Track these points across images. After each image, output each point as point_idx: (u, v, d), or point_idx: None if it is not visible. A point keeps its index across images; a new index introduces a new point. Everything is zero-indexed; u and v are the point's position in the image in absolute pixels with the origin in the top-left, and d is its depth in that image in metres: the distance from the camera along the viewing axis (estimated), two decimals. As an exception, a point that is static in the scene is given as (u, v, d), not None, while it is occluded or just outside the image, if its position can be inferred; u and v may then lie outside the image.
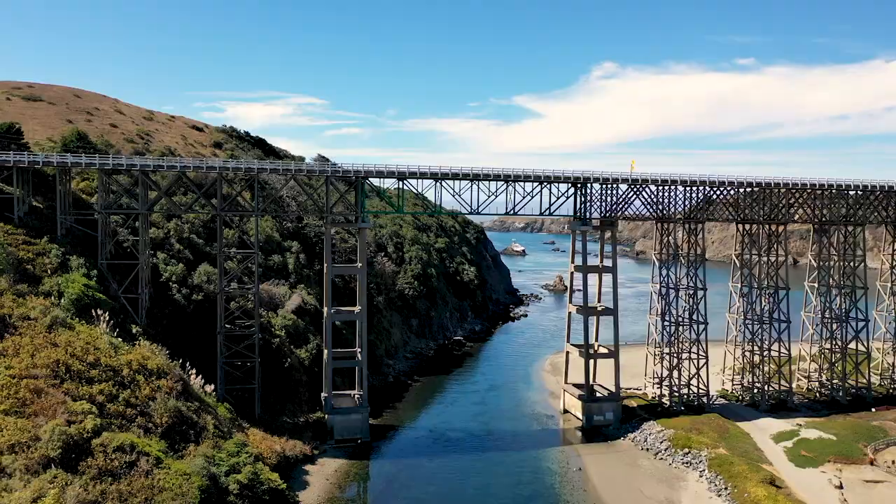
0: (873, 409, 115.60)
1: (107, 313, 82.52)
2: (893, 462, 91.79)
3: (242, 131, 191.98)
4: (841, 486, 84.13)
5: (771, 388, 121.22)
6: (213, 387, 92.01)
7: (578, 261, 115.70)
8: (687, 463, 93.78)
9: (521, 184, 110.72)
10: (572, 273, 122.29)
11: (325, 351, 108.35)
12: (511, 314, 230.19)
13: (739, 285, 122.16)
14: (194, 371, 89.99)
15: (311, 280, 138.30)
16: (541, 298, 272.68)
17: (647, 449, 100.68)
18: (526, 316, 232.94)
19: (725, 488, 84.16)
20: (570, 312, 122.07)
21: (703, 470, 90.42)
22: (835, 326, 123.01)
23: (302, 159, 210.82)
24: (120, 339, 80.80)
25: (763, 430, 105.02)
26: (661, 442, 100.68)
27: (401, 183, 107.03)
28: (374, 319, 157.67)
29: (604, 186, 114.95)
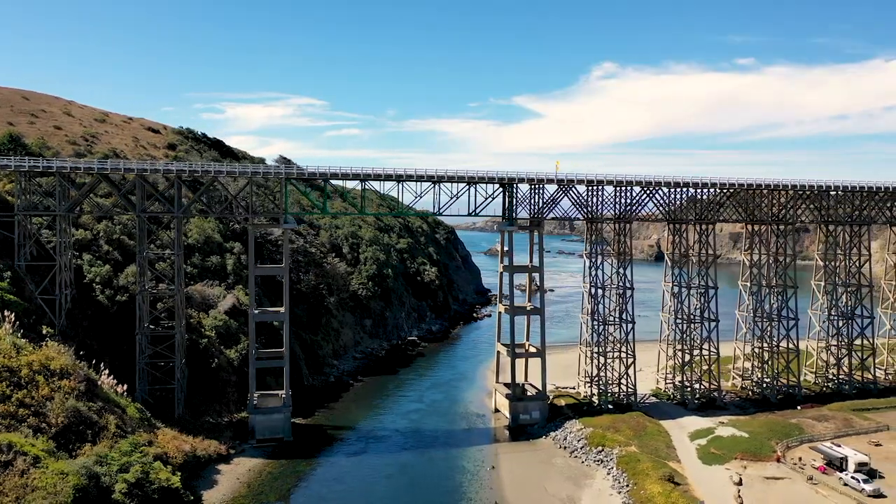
0: (799, 408, 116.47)
1: (13, 315, 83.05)
2: (800, 459, 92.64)
3: (199, 133, 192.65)
4: (740, 483, 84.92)
5: (703, 387, 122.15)
6: (125, 387, 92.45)
7: (516, 260, 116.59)
8: (598, 461, 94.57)
9: (449, 184, 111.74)
10: (501, 273, 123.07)
11: (251, 351, 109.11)
12: (475, 314, 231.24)
13: (671, 284, 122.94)
14: (107, 371, 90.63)
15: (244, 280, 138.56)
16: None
17: (565, 447, 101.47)
18: (490, 316, 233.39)
19: (626, 486, 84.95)
20: (499, 312, 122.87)
21: (612, 468, 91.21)
22: (766, 325, 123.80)
23: (262, 161, 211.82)
24: (25, 341, 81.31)
25: (683, 428, 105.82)
26: (579, 440, 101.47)
27: (337, 183, 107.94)
28: (322, 320, 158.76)
29: (532, 187, 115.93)
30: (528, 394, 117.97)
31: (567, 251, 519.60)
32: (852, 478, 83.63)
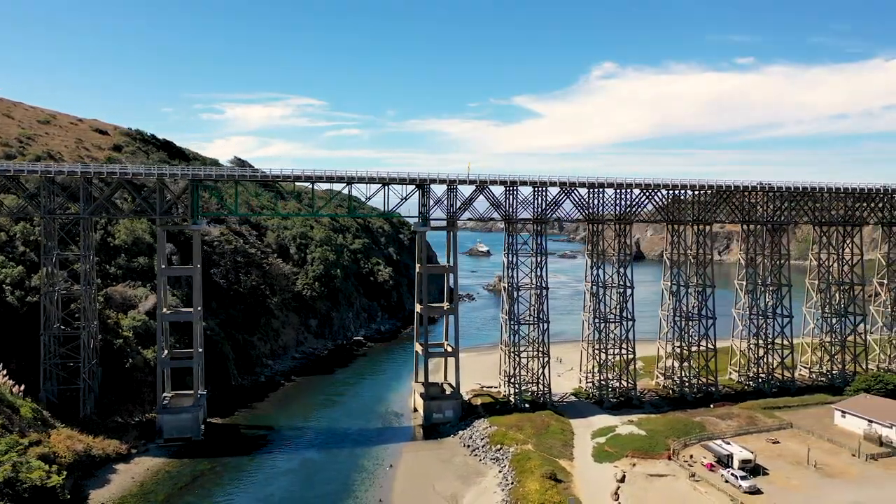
0: (712, 406, 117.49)
1: None
2: (691, 457, 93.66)
3: (149, 134, 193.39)
4: (623, 480, 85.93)
5: (621, 386, 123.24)
6: (22, 387, 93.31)
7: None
8: (495, 459, 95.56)
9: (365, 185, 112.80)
10: (419, 273, 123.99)
11: (165, 351, 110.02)
12: (432, 315, 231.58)
13: (590, 284, 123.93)
14: (4, 371, 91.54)
15: (182, 282, 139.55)
16: (474, 298, 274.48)
17: (469, 446, 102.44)
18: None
19: (511, 483, 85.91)
20: (417, 312, 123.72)
21: (505, 466, 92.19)
22: (685, 324, 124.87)
23: (216, 162, 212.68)
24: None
25: (589, 427, 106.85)
26: (482, 439, 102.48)
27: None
28: (261, 320, 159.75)
29: (449, 188, 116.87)
30: (446, 393, 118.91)
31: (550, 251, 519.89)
32: (732, 475, 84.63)
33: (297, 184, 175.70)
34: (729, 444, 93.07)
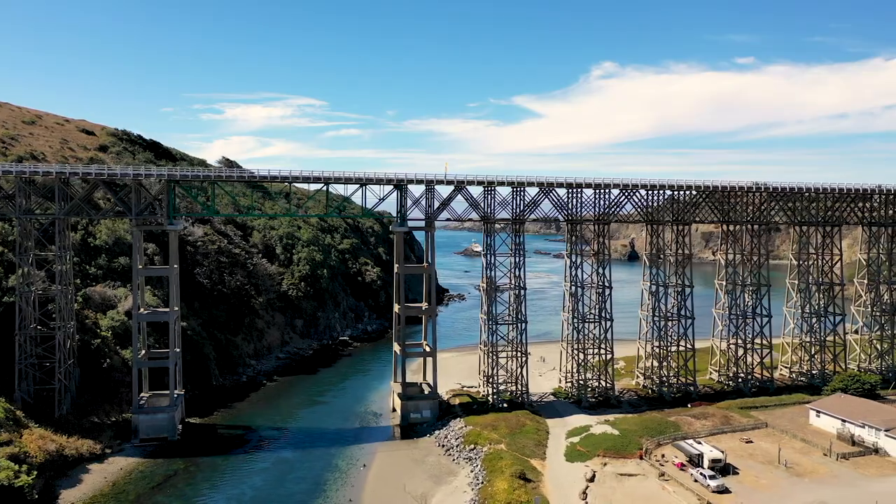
0: (689, 405, 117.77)
1: None
2: (663, 456, 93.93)
3: (135, 134, 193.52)
4: (592, 479, 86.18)
5: (600, 386, 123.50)
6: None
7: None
8: (468, 459, 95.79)
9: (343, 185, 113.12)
10: (397, 273, 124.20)
11: (143, 351, 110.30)
12: (410, 314, 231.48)
13: (569, 284, 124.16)
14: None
15: (165, 282, 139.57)
16: (465, 298, 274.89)
17: (444, 445, 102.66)
18: (437, 315, 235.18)
19: (482, 482, 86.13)
20: (395, 312, 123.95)
21: (477, 465, 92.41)
22: (664, 324, 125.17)
23: (203, 162, 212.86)
24: None
25: (565, 426, 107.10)
26: (457, 439, 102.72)
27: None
28: (245, 320, 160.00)
29: (426, 188, 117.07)
30: (425, 393, 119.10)
31: (544, 251, 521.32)
32: (701, 474, 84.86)
33: (285, 184, 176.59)
34: (700, 443, 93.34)
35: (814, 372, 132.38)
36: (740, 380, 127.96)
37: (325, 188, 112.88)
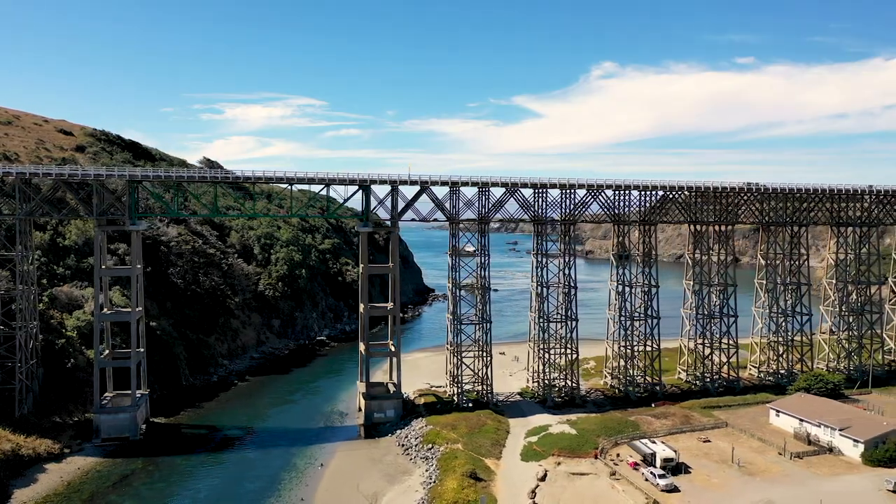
0: (653, 405, 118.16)
1: None
2: (618, 455, 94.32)
3: (114, 135, 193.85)
4: (543, 478, 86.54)
5: (567, 385, 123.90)
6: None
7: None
8: (425, 458, 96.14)
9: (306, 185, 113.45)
10: (361, 273, 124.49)
11: (107, 351, 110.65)
12: (404, 314, 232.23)
13: (535, 284, 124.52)
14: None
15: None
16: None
17: (403, 445, 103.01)
18: (419, 315, 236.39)
19: (433, 482, 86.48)
20: (361, 313, 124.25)
21: (433, 464, 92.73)
22: (631, 324, 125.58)
23: (183, 163, 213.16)
24: None
25: (526, 426, 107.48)
26: (416, 438, 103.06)
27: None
28: (220, 320, 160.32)
29: (391, 188, 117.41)
30: (390, 392, 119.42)
31: (521, 250, 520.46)
32: (651, 473, 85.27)
33: (267, 185, 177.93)
34: (655, 442, 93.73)
35: (781, 371, 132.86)
36: (707, 379, 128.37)
37: (289, 188, 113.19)
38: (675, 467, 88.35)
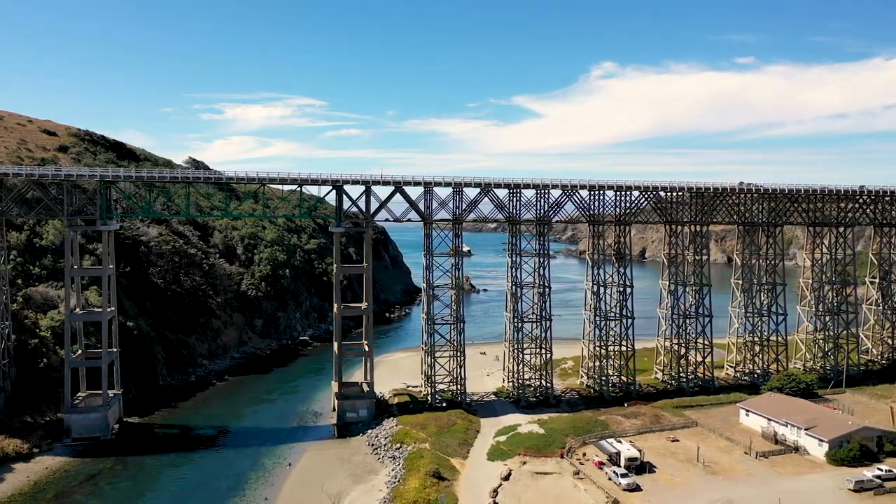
0: (626, 405, 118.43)
1: None
2: (584, 455, 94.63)
3: (98, 135, 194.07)
4: (507, 478, 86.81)
5: (542, 385, 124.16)
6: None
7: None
8: (393, 457, 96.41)
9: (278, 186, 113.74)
10: (336, 274, 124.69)
11: (80, 351, 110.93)
12: (390, 314, 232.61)
13: (510, 284, 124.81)
14: None
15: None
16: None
17: (373, 444, 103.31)
18: (407, 315, 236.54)
19: (397, 481, 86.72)
20: (335, 313, 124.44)
21: (399, 463, 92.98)
22: (605, 324, 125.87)
23: (169, 163, 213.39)
24: None
25: (497, 426, 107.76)
26: (386, 438, 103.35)
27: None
28: (200, 320, 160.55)
29: (365, 189, 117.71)
30: (364, 392, 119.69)
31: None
32: (614, 472, 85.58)
33: (251, 186, 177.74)
34: (620, 442, 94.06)
35: (757, 371, 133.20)
36: (682, 379, 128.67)
37: (262, 188, 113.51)
38: (640, 466, 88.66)
